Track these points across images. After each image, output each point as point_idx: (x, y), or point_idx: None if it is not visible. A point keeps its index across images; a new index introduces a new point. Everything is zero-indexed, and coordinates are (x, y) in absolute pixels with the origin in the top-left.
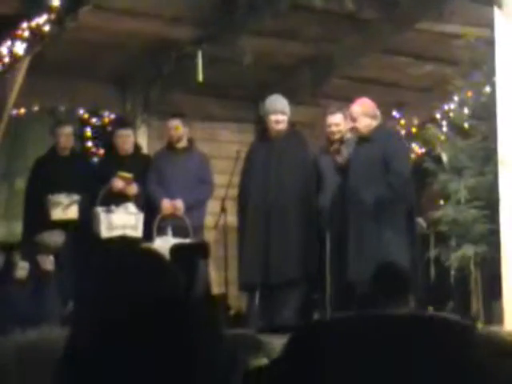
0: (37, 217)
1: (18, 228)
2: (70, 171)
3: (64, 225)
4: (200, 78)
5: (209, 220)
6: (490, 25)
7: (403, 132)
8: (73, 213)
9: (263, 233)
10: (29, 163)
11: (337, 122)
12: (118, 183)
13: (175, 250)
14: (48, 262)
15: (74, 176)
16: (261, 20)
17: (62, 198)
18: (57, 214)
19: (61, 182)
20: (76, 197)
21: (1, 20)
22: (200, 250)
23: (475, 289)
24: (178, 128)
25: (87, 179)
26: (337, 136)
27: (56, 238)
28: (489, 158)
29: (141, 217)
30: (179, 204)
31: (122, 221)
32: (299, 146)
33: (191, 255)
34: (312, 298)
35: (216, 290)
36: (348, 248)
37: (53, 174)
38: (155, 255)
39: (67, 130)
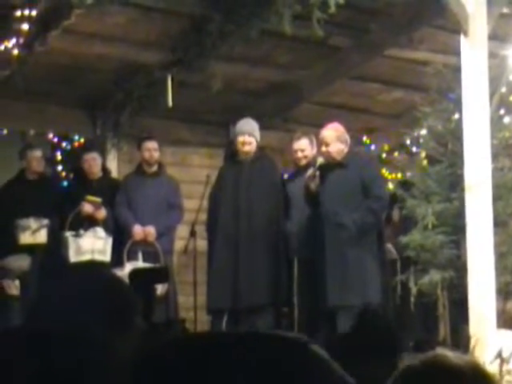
0: (3, 241)
1: None
2: (39, 195)
3: (31, 249)
4: (169, 102)
5: (178, 244)
6: (457, 52)
7: (373, 158)
8: (41, 237)
9: (231, 257)
10: None
11: (302, 147)
12: (86, 207)
13: (134, 274)
14: (13, 287)
15: (43, 200)
16: (231, 45)
17: (31, 223)
18: (25, 238)
19: (29, 205)
20: (45, 221)
21: None
22: (159, 275)
23: (443, 314)
24: (156, 150)
25: (56, 203)
26: (303, 161)
27: (21, 262)
28: (456, 184)
29: (109, 241)
30: (151, 230)
31: (90, 245)
32: (268, 170)
33: (150, 280)
34: (279, 324)
35: (184, 314)
36: (326, 274)
37: (21, 197)
38: (115, 281)
39: (37, 153)
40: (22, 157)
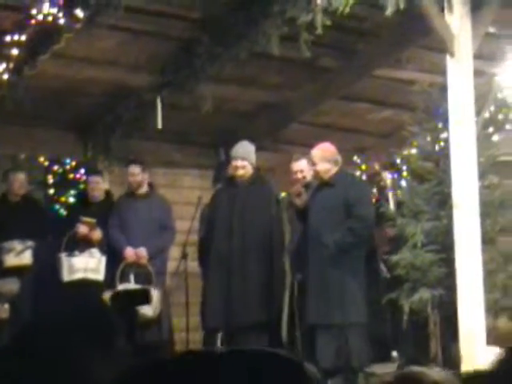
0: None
1: None
2: (22, 217)
3: (17, 271)
4: (159, 124)
5: (170, 265)
6: (443, 71)
7: (364, 177)
8: (26, 258)
9: (224, 278)
10: None
11: (301, 168)
12: (81, 228)
13: (115, 296)
14: (2, 311)
15: (27, 222)
16: (220, 67)
17: (15, 244)
18: (10, 260)
19: (13, 228)
20: (29, 242)
21: None
22: (139, 297)
23: (433, 331)
24: (138, 174)
25: (41, 225)
26: (300, 182)
27: (10, 286)
28: (444, 202)
29: (103, 260)
30: (142, 253)
31: (83, 264)
32: (263, 192)
33: (130, 302)
34: (274, 342)
35: (177, 335)
36: (308, 291)
37: (4, 220)
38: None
39: (19, 175)
40: (4, 179)
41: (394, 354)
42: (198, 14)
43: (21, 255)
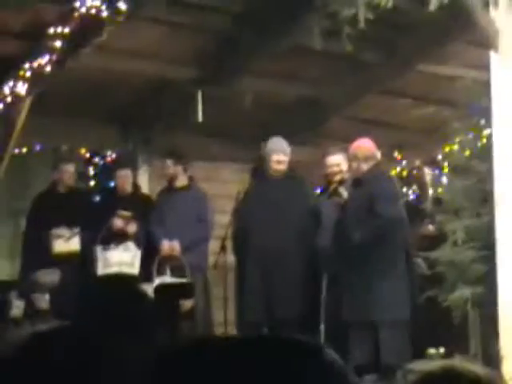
0: (36, 253)
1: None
2: (70, 206)
3: (64, 260)
4: (200, 118)
5: (209, 259)
6: (487, 67)
7: (404, 174)
8: (75, 244)
9: (262, 273)
10: None
11: (338, 162)
12: (117, 222)
13: (159, 290)
14: (43, 301)
15: (73, 211)
16: (261, 61)
17: (64, 231)
18: (59, 246)
19: (61, 216)
20: (77, 229)
21: (3, 61)
22: (183, 291)
23: (473, 330)
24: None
25: (87, 215)
26: (338, 176)
27: (51, 276)
28: (486, 199)
29: (138, 254)
30: (176, 245)
31: (118, 258)
32: (298, 187)
33: (174, 295)
34: (311, 337)
35: (216, 330)
36: (342, 289)
37: (53, 209)
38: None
39: (69, 167)
40: (54, 169)
41: (432, 351)
42: (239, 8)
43: (69, 241)
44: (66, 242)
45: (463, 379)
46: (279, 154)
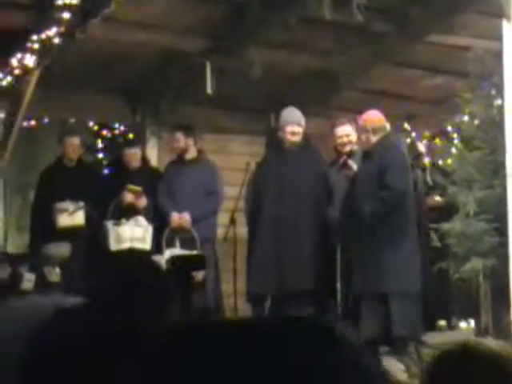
0: (43, 227)
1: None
2: (76, 180)
3: (70, 234)
4: (209, 89)
5: (218, 232)
6: (499, 37)
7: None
8: (79, 218)
9: (275, 244)
10: None
11: (347, 132)
12: (127, 196)
13: (171, 261)
14: (54, 274)
15: (80, 185)
16: (270, 32)
17: (68, 205)
18: (63, 220)
19: (66, 190)
20: (81, 203)
21: (11, 33)
22: (196, 262)
23: (484, 302)
24: (178, 141)
25: (94, 189)
26: (347, 147)
27: (62, 249)
28: (497, 170)
29: (149, 229)
30: (186, 217)
31: (129, 233)
32: (312, 158)
33: (187, 267)
34: (324, 309)
35: (225, 301)
36: (352, 261)
37: (59, 183)
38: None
39: (74, 140)
40: (60, 142)
41: (443, 323)
42: None
43: (73, 215)
44: (70, 216)
45: (480, 357)
46: (293, 125)
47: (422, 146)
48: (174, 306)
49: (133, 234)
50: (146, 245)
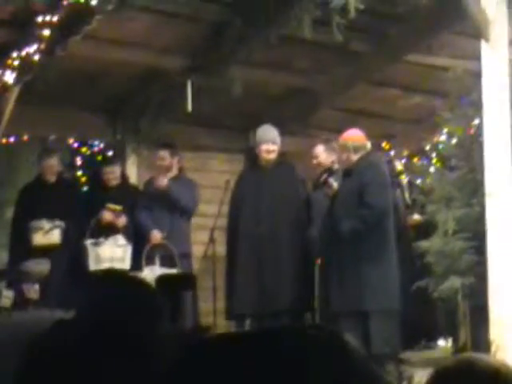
0: (21, 244)
1: (5, 258)
2: (55, 198)
3: (47, 251)
4: (189, 108)
5: (198, 250)
6: (477, 57)
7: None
8: (54, 237)
9: (255, 262)
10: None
11: (316, 153)
12: (107, 215)
13: (161, 280)
14: (32, 291)
15: (59, 202)
16: (250, 51)
17: (44, 223)
18: (38, 238)
19: (44, 208)
20: (58, 222)
21: None
22: (186, 282)
23: (463, 320)
24: (163, 159)
25: (73, 206)
26: (318, 168)
27: (41, 266)
28: (476, 189)
29: (129, 248)
30: (165, 234)
31: (109, 253)
32: (289, 175)
33: (177, 286)
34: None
35: (204, 320)
36: (331, 279)
37: (37, 200)
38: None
39: (51, 161)
40: (38, 162)
41: (422, 341)
42: None
43: (49, 234)
44: (45, 235)
45: (479, 373)
46: (268, 143)
47: (399, 165)
48: (163, 323)
49: (112, 254)
50: (126, 265)
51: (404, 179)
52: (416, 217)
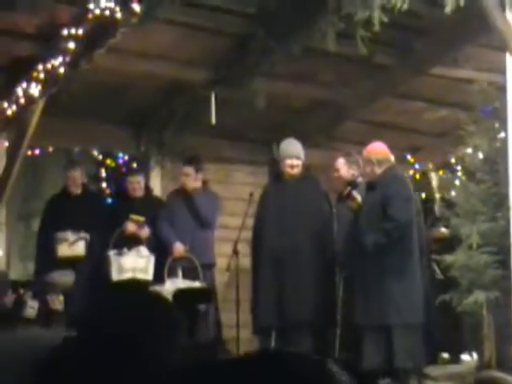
0: (46, 255)
1: (32, 268)
2: (80, 209)
3: (71, 262)
4: (213, 120)
5: (221, 262)
6: (502, 70)
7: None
8: (79, 249)
9: (278, 276)
10: (44, 204)
11: (336, 166)
12: (130, 227)
13: (178, 294)
14: (57, 302)
15: (84, 214)
16: (274, 63)
17: (69, 235)
18: (63, 250)
19: (70, 219)
20: (83, 234)
21: (17, 62)
22: (203, 296)
23: (488, 334)
24: (188, 175)
25: (98, 218)
26: (339, 181)
27: (65, 278)
28: (501, 203)
29: (151, 259)
30: (188, 247)
31: (132, 264)
32: (314, 188)
33: (194, 301)
34: (326, 341)
35: (227, 333)
36: (355, 292)
37: (63, 212)
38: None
39: (74, 173)
40: (63, 174)
41: (446, 355)
42: (253, 10)
43: (73, 246)
44: (70, 247)
45: None
46: (292, 158)
47: (434, 179)
48: (181, 336)
49: (135, 264)
50: (148, 275)
51: (437, 193)
52: (443, 230)
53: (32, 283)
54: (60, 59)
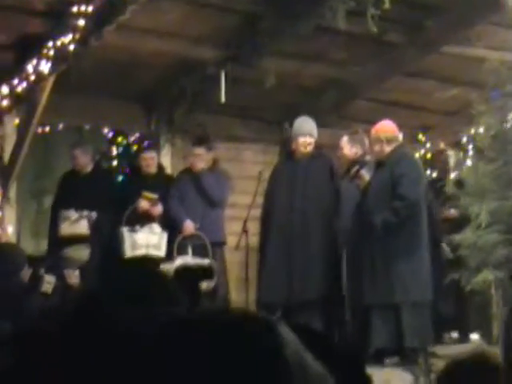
0: (53, 232)
1: (45, 245)
2: (88, 188)
3: (73, 240)
4: (223, 98)
5: (231, 240)
6: None
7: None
8: (80, 228)
9: (285, 253)
10: (56, 181)
11: (340, 145)
12: (143, 204)
13: (180, 271)
14: (73, 276)
15: (91, 192)
16: (284, 42)
17: (71, 213)
18: (65, 228)
19: (76, 198)
20: (86, 212)
21: (26, 40)
22: (204, 273)
23: (496, 313)
24: (199, 155)
25: (107, 195)
26: (342, 159)
27: (81, 252)
28: (511, 182)
29: (164, 236)
30: (198, 224)
31: (145, 240)
32: (325, 167)
33: (195, 277)
34: (333, 319)
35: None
36: (362, 271)
37: (70, 190)
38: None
39: (79, 152)
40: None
41: (455, 335)
42: None
43: (75, 224)
44: (72, 225)
45: (493, 366)
46: (305, 136)
47: (453, 157)
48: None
49: (148, 240)
50: (161, 252)
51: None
52: (453, 211)
53: (47, 259)
54: (70, 36)
